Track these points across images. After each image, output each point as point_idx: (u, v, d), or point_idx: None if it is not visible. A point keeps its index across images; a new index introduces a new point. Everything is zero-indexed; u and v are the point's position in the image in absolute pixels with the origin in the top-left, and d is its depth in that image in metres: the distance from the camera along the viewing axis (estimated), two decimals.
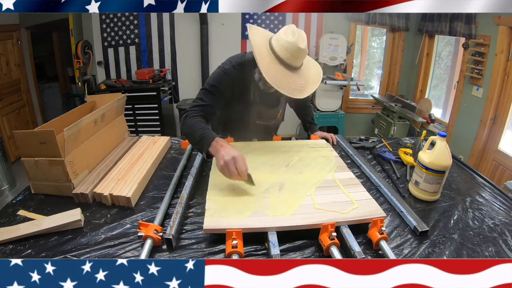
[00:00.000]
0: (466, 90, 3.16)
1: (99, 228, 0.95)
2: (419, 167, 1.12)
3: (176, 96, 4.15)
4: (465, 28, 3.05)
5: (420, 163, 1.11)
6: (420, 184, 1.12)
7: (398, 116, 3.64)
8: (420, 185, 1.12)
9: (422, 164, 1.10)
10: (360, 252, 0.80)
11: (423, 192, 1.12)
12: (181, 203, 1.01)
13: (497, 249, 0.89)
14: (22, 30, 3.73)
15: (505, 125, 2.80)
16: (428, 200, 1.12)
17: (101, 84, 3.70)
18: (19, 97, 3.76)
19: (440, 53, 3.84)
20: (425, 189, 1.11)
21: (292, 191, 1.06)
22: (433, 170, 1.07)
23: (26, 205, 1.06)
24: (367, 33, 4.31)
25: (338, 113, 3.92)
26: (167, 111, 3.96)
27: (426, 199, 1.12)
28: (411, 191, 1.17)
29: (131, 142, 1.50)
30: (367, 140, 1.64)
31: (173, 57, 3.97)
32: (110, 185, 1.10)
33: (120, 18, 3.78)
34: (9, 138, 3.38)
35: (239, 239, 0.83)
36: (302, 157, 1.33)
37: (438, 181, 1.09)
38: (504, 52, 2.70)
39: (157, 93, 3.66)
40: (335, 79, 3.64)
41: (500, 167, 2.81)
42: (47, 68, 4.84)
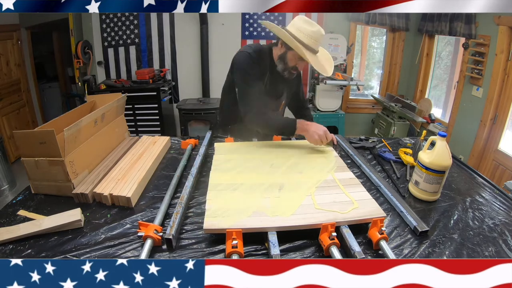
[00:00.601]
0: (466, 90, 3.16)
1: (99, 228, 0.95)
2: (419, 167, 1.12)
3: (176, 96, 4.15)
4: (465, 28, 3.05)
5: (420, 163, 1.11)
6: (420, 184, 1.12)
7: (398, 116, 3.64)
8: (420, 185, 1.12)
9: (422, 164, 1.10)
10: (360, 252, 0.80)
11: (423, 192, 1.12)
12: (181, 203, 1.01)
13: (497, 249, 0.89)
14: (22, 30, 3.73)
15: (505, 125, 2.79)
16: (428, 200, 1.12)
17: (101, 84, 3.70)
18: (19, 97, 3.76)
19: (440, 53, 3.84)
20: (425, 189, 1.11)
21: (292, 191, 1.06)
22: (433, 170, 1.07)
23: (26, 205, 1.06)
24: (367, 33, 4.31)
25: (338, 113, 3.92)
26: (167, 111, 3.96)
27: (426, 199, 1.12)
28: (411, 191, 1.17)
29: (131, 142, 1.50)
30: (367, 140, 1.64)
31: (173, 57, 3.97)
32: (110, 185, 1.10)
33: (120, 18, 3.78)
34: (9, 138, 3.38)
35: (239, 239, 0.83)
36: (302, 157, 1.33)
37: (438, 181, 1.09)
38: (504, 52, 2.69)
39: (157, 93, 3.66)
40: (335, 79, 3.64)
41: (500, 167, 2.81)
42: (47, 68, 4.84)
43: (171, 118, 4.15)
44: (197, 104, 3.71)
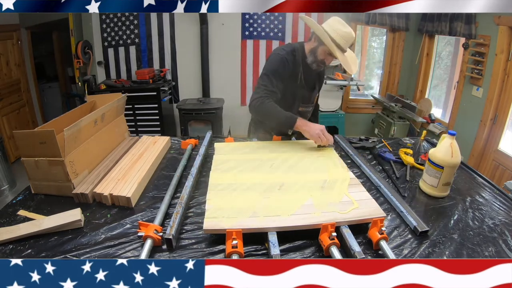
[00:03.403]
0: (466, 90, 3.15)
1: (99, 228, 0.95)
2: (431, 165, 1.15)
3: (176, 96, 4.15)
4: (465, 28, 3.05)
5: (432, 161, 1.15)
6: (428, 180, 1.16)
7: (398, 116, 3.64)
8: (428, 181, 1.16)
9: (434, 162, 1.13)
10: (360, 252, 0.80)
11: (432, 188, 1.16)
12: (181, 203, 1.01)
13: (497, 249, 0.89)
14: (22, 30, 3.73)
15: (505, 125, 2.79)
16: (439, 196, 1.16)
17: (101, 84, 3.70)
18: (19, 97, 3.75)
19: (440, 53, 3.84)
20: (432, 184, 1.15)
21: (292, 191, 1.06)
22: (443, 166, 1.10)
23: (26, 205, 1.06)
24: (367, 33, 4.31)
25: (338, 113, 3.92)
26: (167, 111, 3.95)
27: (437, 195, 1.16)
28: (422, 188, 1.20)
29: (131, 142, 1.50)
30: (367, 140, 1.64)
31: (173, 57, 3.97)
32: (110, 185, 1.10)
33: (120, 18, 3.77)
34: (9, 138, 3.38)
35: (239, 239, 0.83)
36: (302, 157, 1.33)
37: (448, 182, 1.12)
38: (504, 52, 2.69)
39: (157, 93, 3.65)
40: (335, 79, 3.64)
41: (500, 167, 2.81)
42: (47, 68, 4.84)
43: (171, 118, 4.15)
44: (197, 104, 3.71)
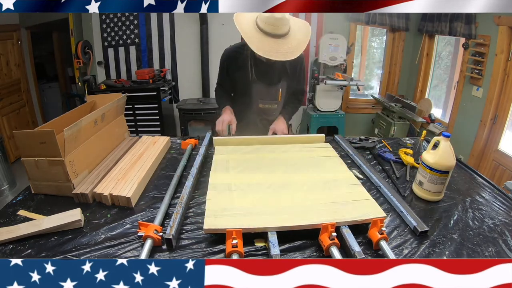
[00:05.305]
0: (466, 90, 3.15)
1: (99, 228, 0.95)
2: (423, 167, 1.12)
3: (176, 96, 4.15)
4: (465, 28, 3.05)
5: (424, 164, 1.12)
6: (424, 185, 1.13)
7: (398, 116, 3.63)
8: (424, 185, 1.13)
9: (426, 164, 1.11)
10: (360, 252, 0.80)
11: (427, 192, 1.13)
12: (181, 203, 1.01)
13: (497, 249, 0.89)
14: (22, 30, 3.73)
15: (505, 125, 2.79)
16: (432, 200, 1.13)
17: (101, 84, 3.70)
18: (19, 97, 3.76)
19: (440, 53, 3.84)
20: (429, 189, 1.12)
21: (292, 191, 1.06)
22: (437, 170, 1.08)
23: (26, 205, 1.06)
24: (367, 33, 4.31)
25: (338, 113, 3.91)
26: (167, 111, 3.95)
27: (430, 199, 1.13)
28: (415, 191, 1.18)
29: (131, 142, 1.50)
30: (367, 140, 1.64)
31: (173, 57, 3.97)
32: (110, 185, 1.10)
33: (120, 18, 3.77)
34: (9, 138, 3.38)
35: (239, 239, 0.83)
36: (302, 157, 1.33)
37: (442, 181, 1.09)
38: (504, 52, 2.69)
39: (157, 93, 3.66)
40: (335, 79, 3.64)
41: (500, 167, 2.81)
42: (47, 68, 4.84)
43: (171, 118, 4.15)
44: (197, 104, 3.71)
